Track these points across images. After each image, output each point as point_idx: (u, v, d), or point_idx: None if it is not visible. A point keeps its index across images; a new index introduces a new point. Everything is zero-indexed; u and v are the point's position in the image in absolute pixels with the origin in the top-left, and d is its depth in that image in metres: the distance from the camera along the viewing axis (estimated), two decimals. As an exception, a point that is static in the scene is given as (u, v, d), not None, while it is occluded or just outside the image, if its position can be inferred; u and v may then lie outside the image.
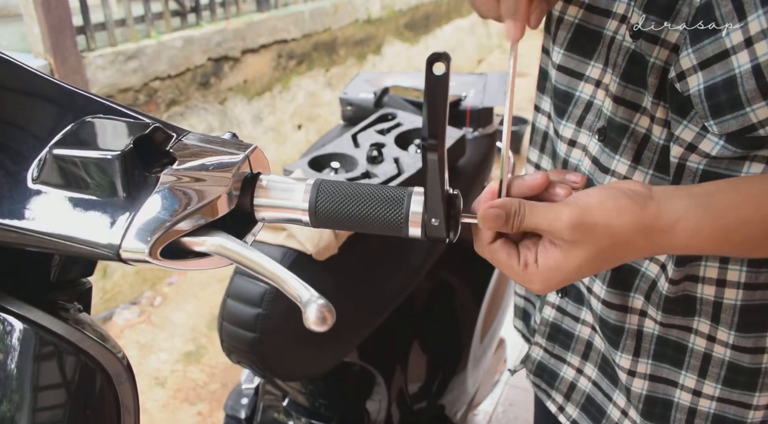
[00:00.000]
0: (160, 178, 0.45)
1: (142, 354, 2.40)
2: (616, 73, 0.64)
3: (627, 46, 0.62)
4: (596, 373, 0.78)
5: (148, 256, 0.43)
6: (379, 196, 0.49)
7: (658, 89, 0.60)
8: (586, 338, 0.77)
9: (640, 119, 0.63)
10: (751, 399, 0.67)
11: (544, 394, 0.85)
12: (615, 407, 0.76)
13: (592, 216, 0.50)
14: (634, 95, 0.63)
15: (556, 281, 0.53)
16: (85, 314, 0.52)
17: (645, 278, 0.68)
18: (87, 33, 2.59)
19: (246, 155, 0.48)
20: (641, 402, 0.71)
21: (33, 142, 0.46)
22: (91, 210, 0.43)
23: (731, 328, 0.64)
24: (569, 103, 0.71)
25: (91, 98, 0.49)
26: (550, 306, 0.80)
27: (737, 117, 0.53)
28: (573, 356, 0.80)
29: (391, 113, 1.37)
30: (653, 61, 0.59)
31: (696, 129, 0.57)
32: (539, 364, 0.84)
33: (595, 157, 0.68)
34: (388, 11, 4.51)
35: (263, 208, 0.49)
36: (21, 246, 0.45)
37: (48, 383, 0.46)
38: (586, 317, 0.77)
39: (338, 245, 1.05)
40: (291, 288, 0.42)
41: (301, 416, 1.26)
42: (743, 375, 0.66)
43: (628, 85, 0.63)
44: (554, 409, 0.83)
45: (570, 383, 0.81)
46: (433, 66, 0.40)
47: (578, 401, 0.80)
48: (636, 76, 0.62)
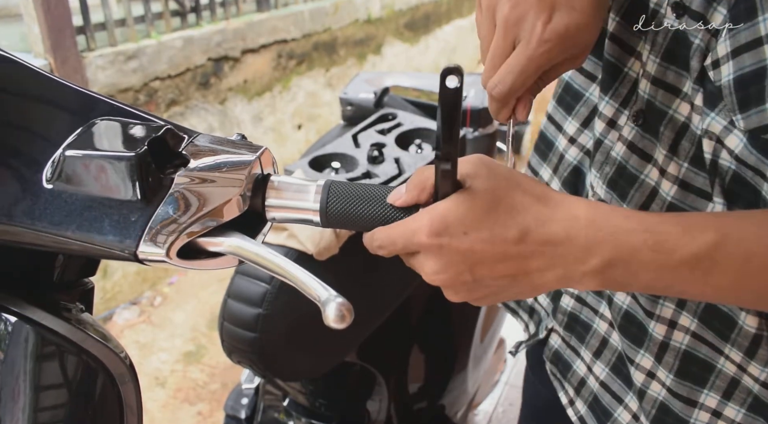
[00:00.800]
0: (175, 180, 0.45)
1: (142, 354, 2.40)
2: (655, 53, 0.58)
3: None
4: (606, 373, 0.73)
5: (165, 256, 0.43)
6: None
7: (700, 75, 0.54)
8: (602, 334, 0.73)
9: (680, 106, 0.57)
10: None
11: (558, 383, 0.81)
12: (626, 410, 0.71)
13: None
14: (676, 78, 0.57)
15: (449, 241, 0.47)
16: (87, 314, 0.52)
17: None
18: (87, 33, 2.59)
19: (257, 156, 0.48)
20: (655, 408, 0.66)
21: (45, 143, 0.46)
22: (107, 211, 0.44)
23: (766, 365, 0.59)
24: (616, 79, 0.64)
25: (100, 99, 0.49)
26: (569, 295, 0.75)
27: (759, 112, 0.48)
28: (586, 351, 0.75)
29: (392, 113, 1.37)
30: (698, 43, 0.53)
31: (724, 122, 0.52)
32: (556, 352, 0.80)
33: (632, 142, 0.63)
34: (388, 11, 4.51)
35: (274, 208, 0.49)
36: (36, 247, 0.45)
37: (50, 382, 0.47)
38: (605, 312, 0.71)
39: (339, 245, 1.05)
40: (309, 287, 0.43)
41: (301, 416, 1.26)
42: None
43: (670, 66, 0.57)
44: (565, 401, 0.79)
45: (581, 378, 0.77)
46: (447, 79, 0.41)
47: (586, 398, 0.76)
48: (679, 57, 0.56)
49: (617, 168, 0.64)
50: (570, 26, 0.53)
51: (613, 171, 0.65)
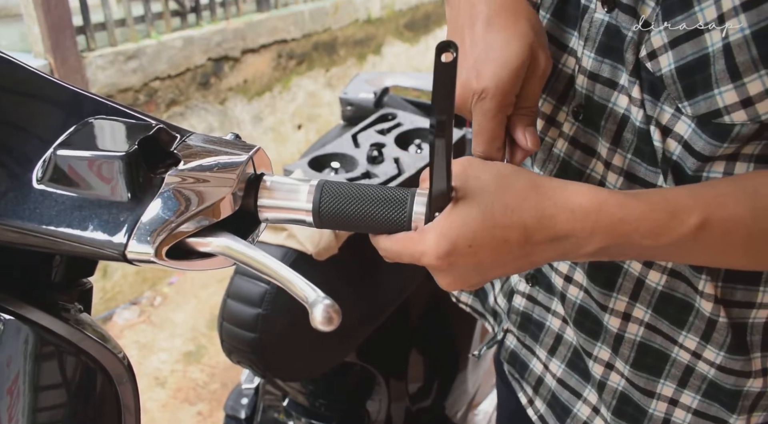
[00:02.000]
0: (165, 179, 0.45)
1: (142, 354, 2.40)
2: (589, 47, 0.58)
3: (600, 18, 0.57)
4: (563, 370, 0.73)
5: (154, 256, 0.43)
6: (383, 196, 0.49)
7: (635, 67, 0.55)
8: (556, 331, 0.73)
9: (618, 98, 0.58)
10: (729, 418, 0.63)
11: (517, 384, 0.81)
12: (585, 404, 0.72)
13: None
14: (612, 71, 0.58)
15: (455, 248, 0.48)
16: (85, 314, 0.52)
17: (629, 275, 0.63)
18: (87, 33, 2.59)
19: (250, 156, 0.48)
20: (615, 399, 0.68)
21: (37, 143, 0.46)
22: (97, 211, 0.44)
23: (721, 348, 0.60)
24: (552, 76, 0.64)
25: (94, 99, 0.49)
26: (521, 295, 0.76)
27: (707, 99, 0.50)
28: (541, 349, 0.76)
29: (391, 113, 1.37)
30: (631, 36, 0.54)
31: (671, 110, 0.54)
32: (512, 352, 0.80)
33: (574, 138, 0.63)
34: (388, 11, 4.51)
35: (267, 209, 0.49)
36: (26, 246, 0.45)
37: (49, 383, 0.46)
38: (557, 308, 0.72)
39: (338, 245, 1.05)
40: (297, 289, 0.42)
41: (301, 416, 1.26)
42: (724, 395, 0.63)
43: (605, 60, 0.58)
44: (524, 401, 0.80)
45: (538, 377, 0.77)
46: (442, 54, 0.41)
47: (545, 397, 0.77)
48: (613, 50, 0.57)
49: (561, 164, 0.65)
50: (496, 70, 0.54)
51: (557, 168, 0.66)
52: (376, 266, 1.17)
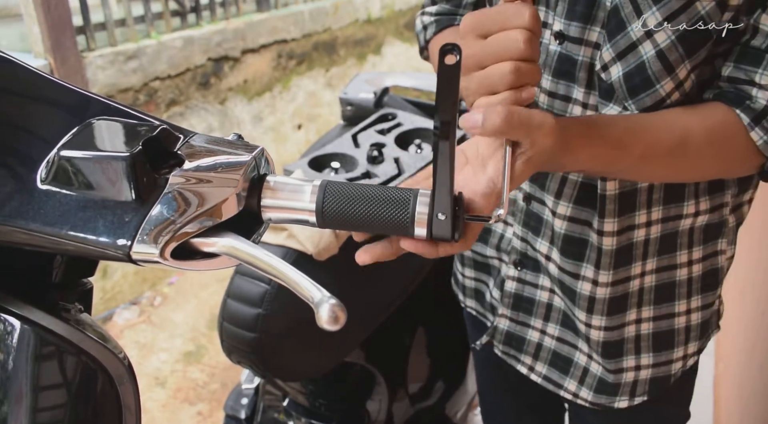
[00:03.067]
0: (170, 180, 0.45)
1: (142, 354, 2.40)
2: (547, 72, 0.74)
3: (554, 50, 0.72)
4: (558, 329, 0.88)
5: (159, 257, 0.43)
6: (386, 197, 0.49)
7: (588, 81, 0.72)
8: (545, 302, 0.87)
9: (573, 108, 0.74)
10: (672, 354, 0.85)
11: (513, 359, 0.94)
12: (580, 353, 0.87)
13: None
14: (566, 89, 0.73)
15: None
16: (86, 314, 0.52)
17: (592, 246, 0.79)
18: (87, 33, 2.59)
19: (254, 156, 0.48)
20: (600, 347, 0.83)
21: (40, 143, 0.46)
22: (101, 211, 0.43)
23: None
24: None
25: (96, 99, 0.49)
26: (511, 279, 0.89)
27: (650, 94, 0.67)
28: (536, 319, 0.89)
29: (391, 113, 1.37)
30: (581, 59, 0.71)
31: (618, 108, 0.70)
32: (507, 333, 0.93)
33: None
34: (388, 11, 4.51)
35: (270, 209, 0.49)
36: (30, 247, 0.45)
37: (49, 383, 0.46)
38: (544, 283, 0.86)
39: (339, 245, 1.05)
40: (302, 288, 0.42)
41: (301, 416, 1.26)
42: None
43: (560, 81, 0.74)
44: (525, 370, 0.93)
45: (536, 344, 0.90)
46: (446, 57, 0.42)
47: (546, 358, 0.90)
48: (565, 72, 0.73)
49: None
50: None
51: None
52: (376, 267, 1.16)
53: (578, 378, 0.88)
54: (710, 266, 0.82)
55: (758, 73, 0.64)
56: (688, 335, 0.85)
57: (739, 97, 0.66)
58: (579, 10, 0.69)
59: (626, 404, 0.86)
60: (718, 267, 0.83)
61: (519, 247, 0.86)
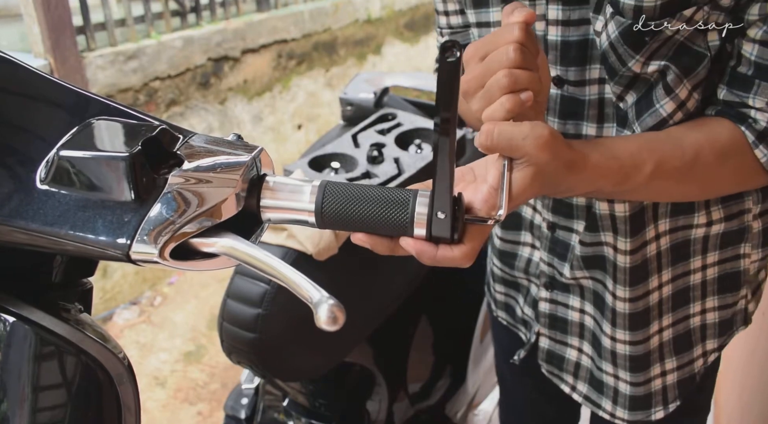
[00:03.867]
0: (169, 180, 0.45)
1: (142, 354, 2.40)
2: (551, 115, 0.75)
3: (555, 93, 0.73)
4: (591, 349, 0.89)
5: (158, 257, 0.43)
6: (385, 197, 0.49)
7: (599, 116, 0.73)
8: (577, 321, 0.89)
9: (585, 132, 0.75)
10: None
11: (557, 379, 0.94)
12: (606, 374, 0.87)
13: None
14: (575, 127, 0.74)
15: None
16: (85, 314, 0.52)
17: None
18: (87, 33, 2.59)
19: (253, 157, 0.48)
20: (627, 361, 0.84)
21: (40, 143, 0.46)
22: (100, 211, 0.44)
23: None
24: None
25: (96, 99, 0.49)
26: (544, 301, 0.90)
27: (651, 114, 0.68)
28: (572, 338, 0.90)
29: (391, 113, 1.37)
30: (588, 98, 0.72)
31: (629, 133, 0.71)
32: (548, 352, 0.93)
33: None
34: (388, 11, 4.51)
35: (270, 209, 0.49)
36: (30, 247, 0.45)
37: (49, 383, 0.46)
38: (573, 303, 0.88)
39: (338, 245, 1.05)
40: (301, 289, 0.42)
41: (301, 416, 1.26)
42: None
43: (567, 122, 0.75)
44: (568, 390, 0.93)
45: (575, 362, 0.91)
46: (446, 53, 0.42)
47: (585, 378, 0.91)
48: (572, 114, 0.74)
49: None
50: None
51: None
52: (375, 267, 1.17)
53: (612, 398, 0.88)
54: (729, 269, 0.82)
55: (750, 98, 0.65)
56: (705, 332, 0.85)
57: (740, 116, 0.67)
58: (573, 55, 0.70)
59: (662, 415, 0.86)
60: (740, 270, 0.82)
61: (547, 271, 0.88)
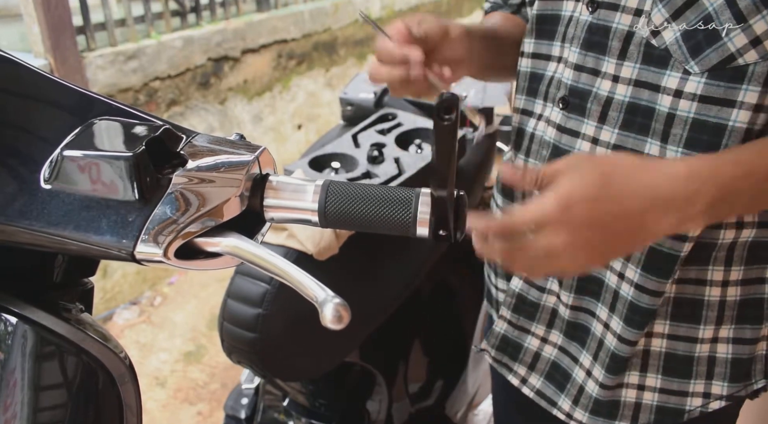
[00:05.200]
0: (172, 180, 0.45)
1: (142, 354, 2.40)
2: (575, 45, 0.70)
3: (585, 20, 0.69)
4: (562, 338, 0.81)
5: (162, 256, 0.43)
6: (388, 197, 0.49)
7: (622, 50, 0.66)
8: (551, 307, 0.81)
9: (601, 83, 0.69)
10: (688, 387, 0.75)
11: (505, 368, 0.87)
12: (580, 368, 0.79)
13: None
14: (595, 62, 0.69)
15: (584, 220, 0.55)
16: (86, 314, 0.52)
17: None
18: (87, 33, 2.59)
19: (256, 156, 0.48)
20: (608, 357, 0.76)
21: (43, 144, 0.46)
22: (105, 211, 0.44)
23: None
24: (540, 83, 0.77)
25: (98, 99, 0.49)
26: (518, 277, 0.83)
27: (716, 49, 0.60)
28: (538, 325, 0.82)
29: (392, 113, 1.37)
30: (617, 26, 0.66)
31: (678, 74, 0.63)
32: (503, 337, 0.86)
33: (560, 125, 0.73)
34: (388, 11, 4.51)
35: (273, 208, 0.49)
36: (34, 247, 0.45)
37: (50, 383, 0.46)
38: (552, 286, 0.80)
39: (339, 245, 1.05)
40: (307, 288, 0.43)
41: (301, 416, 1.26)
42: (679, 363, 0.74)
43: (588, 53, 0.69)
44: (516, 382, 0.85)
45: (534, 353, 0.83)
46: (442, 111, 0.41)
47: (543, 370, 0.83)
48: (595, 44, 0.68)
49: (552, 149, 0.75)
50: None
51: (549, 152, 0.76)
52: (376, 267, 1.17)
53: (573, 397, 0.80)
54: (752, 294, 0.71)
55: None
56: (712, 368, 0.73)
57: None
58: None
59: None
60: (764, 297, 0.71)
61: None
